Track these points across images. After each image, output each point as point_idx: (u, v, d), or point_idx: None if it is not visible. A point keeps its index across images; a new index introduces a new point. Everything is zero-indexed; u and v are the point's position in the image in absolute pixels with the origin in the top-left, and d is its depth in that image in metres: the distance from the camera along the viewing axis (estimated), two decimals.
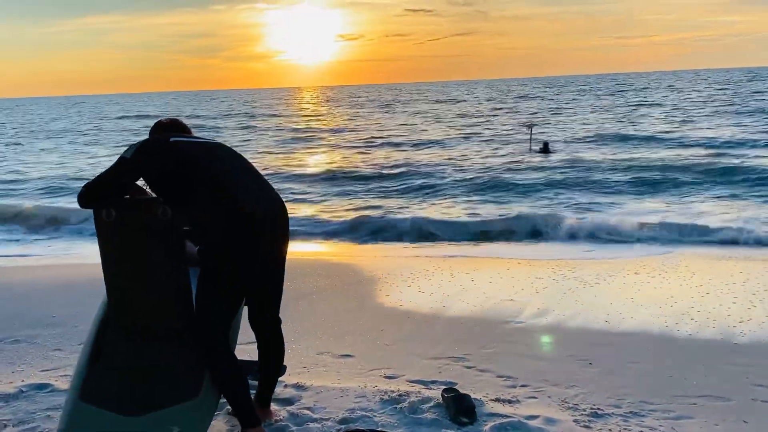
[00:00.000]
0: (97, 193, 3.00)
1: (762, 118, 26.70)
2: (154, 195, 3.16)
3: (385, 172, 17.15)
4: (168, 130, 3.28)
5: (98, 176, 3.02)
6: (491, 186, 14.03)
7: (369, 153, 21.98)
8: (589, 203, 11.90)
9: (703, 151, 17.64)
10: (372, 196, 14.12)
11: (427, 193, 13.93)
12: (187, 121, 3.43)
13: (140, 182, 3.15)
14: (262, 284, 3.26)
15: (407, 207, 12.40)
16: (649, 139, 21.23)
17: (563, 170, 15.56)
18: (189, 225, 3.17)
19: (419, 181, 15.26)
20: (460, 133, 27.28)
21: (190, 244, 3.26)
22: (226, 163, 3.12)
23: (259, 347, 3.42)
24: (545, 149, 19.77)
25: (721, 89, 51.56)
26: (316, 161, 20.85)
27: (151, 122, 3.57)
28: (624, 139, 21.57)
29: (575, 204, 11.88)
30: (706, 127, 24.59)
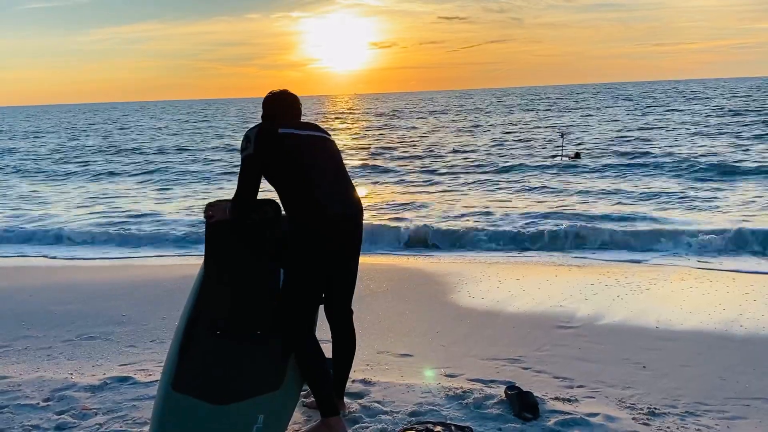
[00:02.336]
0: (247, 196, 3.32)
1: None
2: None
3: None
4: (277, 103, 3.56)
5: (239, 183, 3.32)
6: None
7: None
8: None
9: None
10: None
11: None
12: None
13: None
14: (339, 278, 3.53)
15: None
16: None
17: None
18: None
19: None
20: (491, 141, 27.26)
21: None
22: (321, 162, 3.40)
23: (333, 338, 3.67)
24: (577, 157, 19.45)
25: None
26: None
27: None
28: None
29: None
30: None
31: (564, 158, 19.79)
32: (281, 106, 3.56)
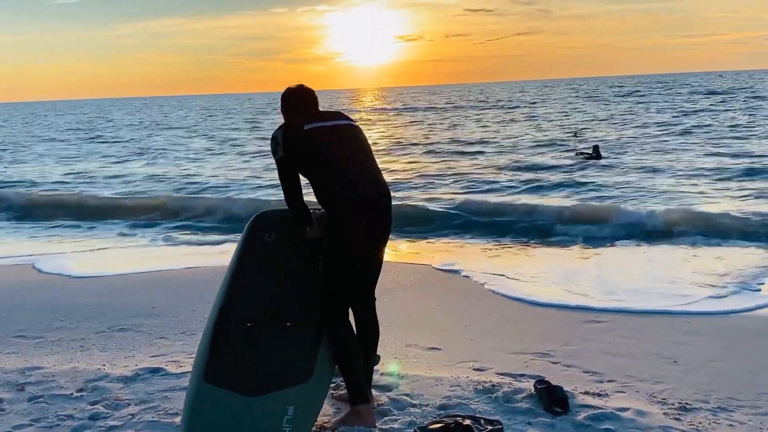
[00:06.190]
0: (294, 201, 3.47)
1: None
2: None
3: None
4: (298, 98, 3.63)
5: (283, 188, 3.45)
6: None
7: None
8: None
9: None
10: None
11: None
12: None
13: None
14: (366, 264, 3.54)
15: None
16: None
17: None
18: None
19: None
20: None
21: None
22: (349, 151, 3.45)
23: (356, 326, 3.66)
24: (596, 154, 17.87)
25: None
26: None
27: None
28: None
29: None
30: None
31: (579, 155, 18.47)
32: (298, 98, 3.63)
